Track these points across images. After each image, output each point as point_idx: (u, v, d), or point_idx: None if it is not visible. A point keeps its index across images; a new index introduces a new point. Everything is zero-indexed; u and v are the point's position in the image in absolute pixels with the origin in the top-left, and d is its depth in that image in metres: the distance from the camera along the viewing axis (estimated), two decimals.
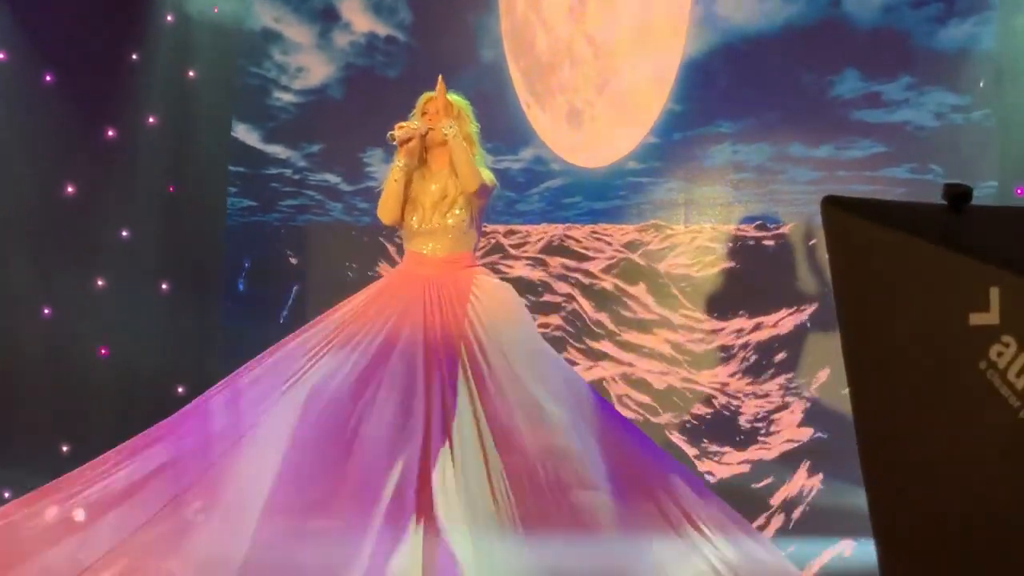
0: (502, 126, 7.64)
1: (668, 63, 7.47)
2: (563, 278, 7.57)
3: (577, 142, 7.90)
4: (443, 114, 5.53)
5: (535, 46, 8.01)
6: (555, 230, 7.65)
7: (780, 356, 6.97)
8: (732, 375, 7.09)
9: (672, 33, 7.46)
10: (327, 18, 8.38)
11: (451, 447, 5.07)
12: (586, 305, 7.54)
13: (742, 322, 7.01)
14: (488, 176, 5.54)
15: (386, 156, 6.18)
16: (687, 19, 7.34)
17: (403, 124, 5.54)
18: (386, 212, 5.61)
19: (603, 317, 7.50)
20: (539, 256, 7.68)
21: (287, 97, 8.42)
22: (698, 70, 7.26)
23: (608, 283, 7.50)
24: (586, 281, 7.53)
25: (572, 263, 7.66)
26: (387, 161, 5.81)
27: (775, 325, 6.91)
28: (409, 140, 5.53)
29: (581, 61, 7.84)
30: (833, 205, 2.21)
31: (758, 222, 7.15)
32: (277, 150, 8.46)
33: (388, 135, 5.57)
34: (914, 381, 2.13)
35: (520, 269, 7.60)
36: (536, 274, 7.61)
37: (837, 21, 6.82)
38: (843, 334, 2.23)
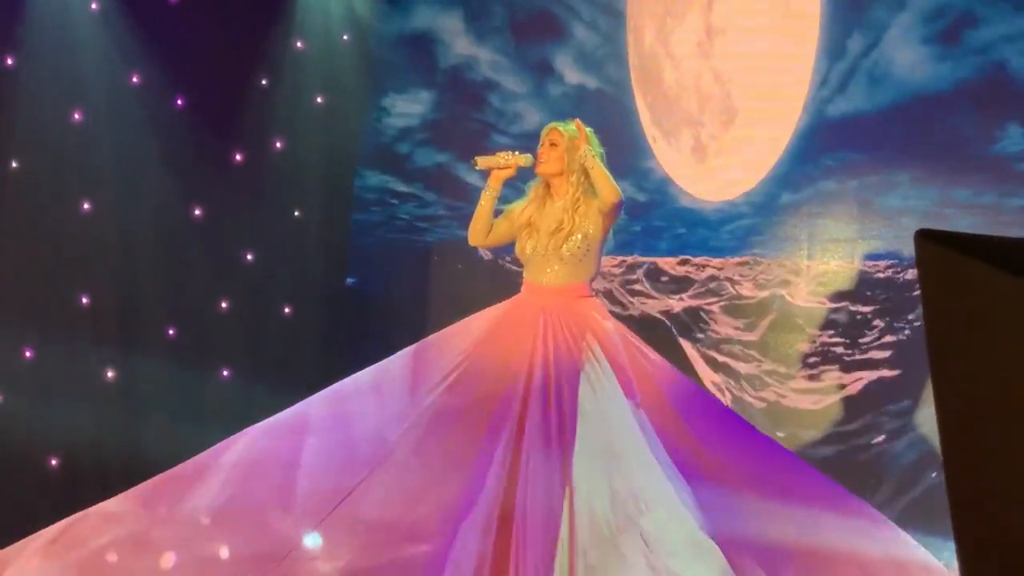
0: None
1: (793, 103, 7.53)
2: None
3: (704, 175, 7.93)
4: (569, 149, 5.51)
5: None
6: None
7: None
8: None
9: (797, 79, 7.57)
10: (541, 70, 8.65)
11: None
12: None
13: None
14: (618, 191, 5.48)
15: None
16: (811, 66, 7.53)
17: (487, 155, 5.68)
18: (471, 234, 5.75)
19: None
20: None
21: (504, 140, 8.61)
22: (873, 123, 7.47)
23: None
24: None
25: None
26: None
27: None
28: (493, 168, 5.64)
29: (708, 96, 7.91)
30: (927, 239, 2.11)
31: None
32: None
33: (472, 162, 5.75)
34: (1008, 419, 2.03)
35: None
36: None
37: (1002, 80, 7.07)
38: (933, 370, 2.14)
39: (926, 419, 7.09)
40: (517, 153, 5.65)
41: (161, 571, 4.96)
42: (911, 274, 7.27)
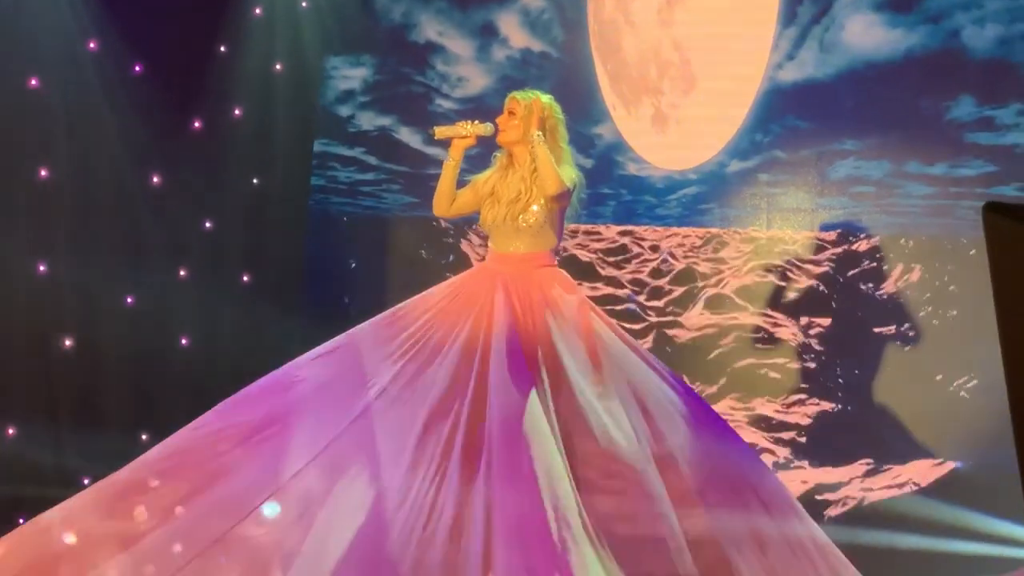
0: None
1: (752, 73, 7.68)
2: None
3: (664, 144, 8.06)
4: (525, 118, 5.52)
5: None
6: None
7: None
8: None
9: (757, 48, 7.68)
10: (486, 33, 8.64)
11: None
12: None
13: None
14: (569, 176, 5.46)
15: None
16: (772, 33, 7.64)
17: (446, 125, 5.69)
18: (435, 204, 5.75)
19: None
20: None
21: (447, 104, 8.70)
22: (824, 91, 7.57)
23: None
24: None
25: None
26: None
27: None
28: (452, 137, 5.64)
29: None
30: (994, 211, 2.16)
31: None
32: (438, 152, 8.56)
33: (429, 131, 5.72)
34: None
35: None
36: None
37: (955, 51, 7.21)
38: (1003, 338, 2.18)
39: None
40: (477, 122, 5.64)
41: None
42: (865, 244, 7.42)
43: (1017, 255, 2.13)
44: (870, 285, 7.45)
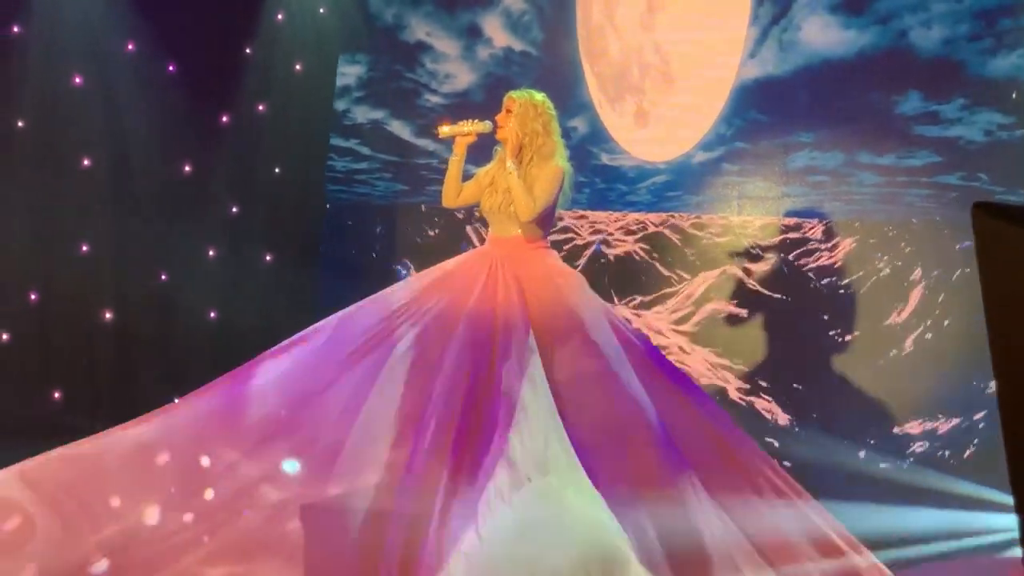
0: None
1: (725, 75, 7.90)
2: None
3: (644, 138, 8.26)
4: (520, 115, 5.75)
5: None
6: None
7: None
8: None
9: (730, 50, 7.88)
10: (471, 34, 8.77)
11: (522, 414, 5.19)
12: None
13: None
14: (546, 191, 5.64)
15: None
16: (743, 40, 7.81)
17: (450, 124, 5.85)
18: (444, 196, 5.95)
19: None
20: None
21: (435, 99, 8.83)
22: (782, 87, 7.71)
23: None
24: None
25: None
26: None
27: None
28: (456, 135, 5.83)
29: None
30: (983, 211, 2.12)
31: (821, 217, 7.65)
32: (426, 143, 8.87)
33: (434, 130, 5.91)
34: None
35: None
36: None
37: (903, 50, 7.30)
38: (992, 338, 2.16)
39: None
40: (477, 121, 5.80)
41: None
42: (819, 231, 7.65)
43: (1005, 253, 2.11)
44: (823, 266, 7.63)
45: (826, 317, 7.62)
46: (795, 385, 7.69)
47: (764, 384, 7.75)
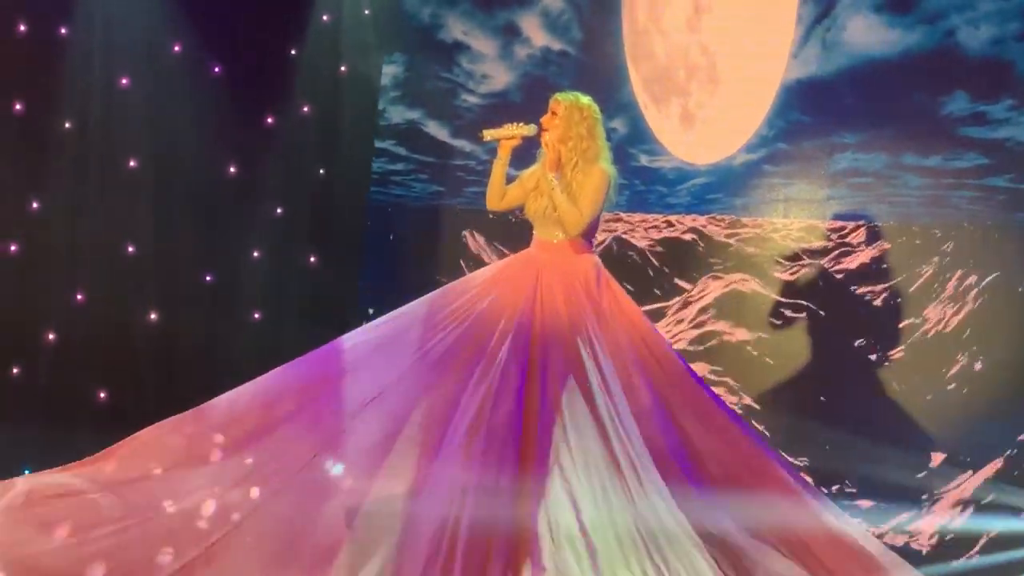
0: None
1: (771, 77, 7.86)
2: None
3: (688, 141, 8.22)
4: (565, 118, 5.79)
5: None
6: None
7: None
8: None
9: (776, 53, 7.83)
10: (508, 33, 8.77)
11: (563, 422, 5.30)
12: None
13: None
14: (593, 201, 5.69)
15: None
16: (790, 40, 7.77)
17: (494, 128, 5.91)
18: (488, 199, 6.00)
19: None
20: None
21: (472, 99, 8.85)
22: (826, 87, 7.64)
23: None
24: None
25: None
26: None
27: None
28: (500, 139, 5.88)
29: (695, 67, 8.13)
30: None
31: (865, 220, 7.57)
32: (463, 144, 8.88)
33: (479, 134, 5.96)
34: None
35: None
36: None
37: (950, 49, 7.22)
38: None
39: None
40: (521, 124, 5.85)
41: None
42: (861, 234, 7.56)
43: None
44: (871, 270, 7.54)
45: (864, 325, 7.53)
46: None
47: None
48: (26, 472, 5.70)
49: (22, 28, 7.66)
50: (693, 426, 5.54)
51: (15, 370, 7.72)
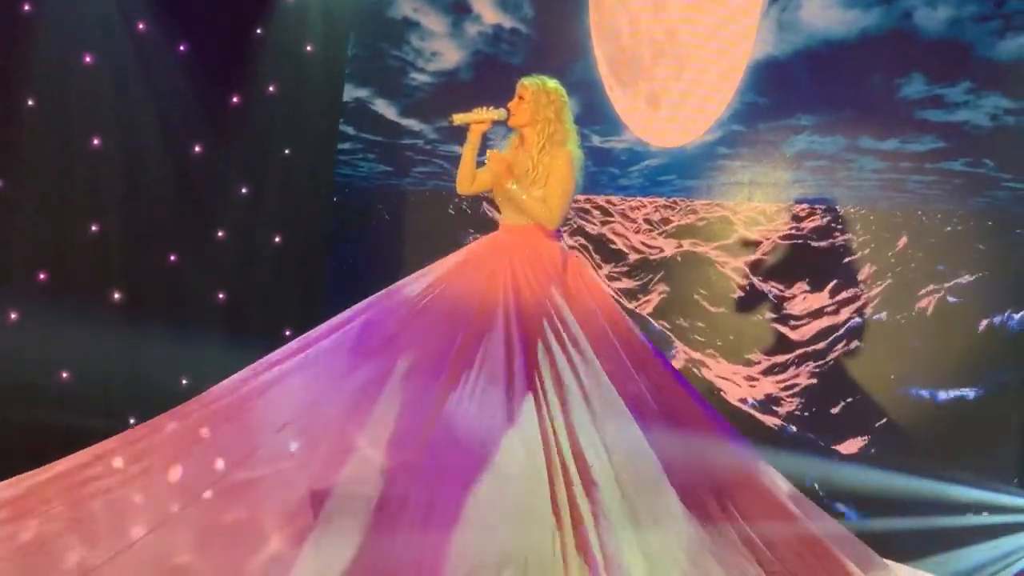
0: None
1: (737, 62, 7.79)
2: None
3: (653, 124, 8.13)
4: (532, 99, 5.81)
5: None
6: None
7: None
8: None
9: (742, 37, 7.75)
10: (459, 10, 8.66)
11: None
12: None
13: None
14: (561, 193, 5.69)
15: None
16: (756, 25, 7.69)
17: (463, 112, 5.90)
18: (458, 183, 6.01)
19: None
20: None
21: (422, 78, 8.79)
22: (781, 68, 7.58)
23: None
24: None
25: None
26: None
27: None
28: (469, 123, 5.86)
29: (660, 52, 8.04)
30: None
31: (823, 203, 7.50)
32: (412, 123, 8.84)
33: (448, 119, 5.93)
34: None
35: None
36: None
37: (907, 31, 7.13)
38: None
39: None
40: (491, 108, 5.85)
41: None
42: (817, 219, 7.54)
43: None
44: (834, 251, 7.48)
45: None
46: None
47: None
48: None
49: None
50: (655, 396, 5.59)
51: None
